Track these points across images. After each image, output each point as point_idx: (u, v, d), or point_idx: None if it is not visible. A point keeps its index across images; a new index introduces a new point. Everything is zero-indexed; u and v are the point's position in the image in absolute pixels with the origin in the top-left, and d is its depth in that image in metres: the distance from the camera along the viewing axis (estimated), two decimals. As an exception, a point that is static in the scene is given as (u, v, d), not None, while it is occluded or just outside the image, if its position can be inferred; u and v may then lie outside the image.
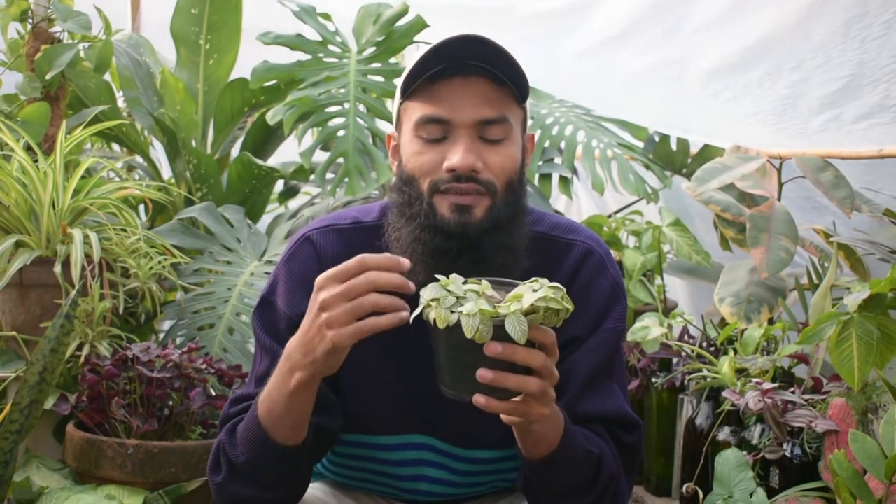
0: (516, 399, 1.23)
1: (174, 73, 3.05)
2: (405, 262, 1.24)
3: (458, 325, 1.18)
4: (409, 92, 1.43)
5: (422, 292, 1.23)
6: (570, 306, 1.21)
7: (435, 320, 1.19)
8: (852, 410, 1.79)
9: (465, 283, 1.25)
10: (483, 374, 1.19)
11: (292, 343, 1.32)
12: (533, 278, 1.25)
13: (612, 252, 1.59)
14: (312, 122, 2.81)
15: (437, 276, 1.24)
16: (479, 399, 1.21)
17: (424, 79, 1.41)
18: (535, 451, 1.36)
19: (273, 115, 2.81)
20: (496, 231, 1.41)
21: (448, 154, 1.40)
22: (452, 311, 1.19)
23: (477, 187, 1.40)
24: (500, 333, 1.18)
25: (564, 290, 1.22)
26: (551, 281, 1.27)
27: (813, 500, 1.76)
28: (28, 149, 2.37)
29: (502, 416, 1.28)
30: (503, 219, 1.42)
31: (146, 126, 2.95)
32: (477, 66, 1.40)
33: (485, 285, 1.24)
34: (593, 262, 1.51)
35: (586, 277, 1.50)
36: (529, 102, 3.15)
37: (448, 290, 1.21)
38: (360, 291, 1.23)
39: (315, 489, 1.61)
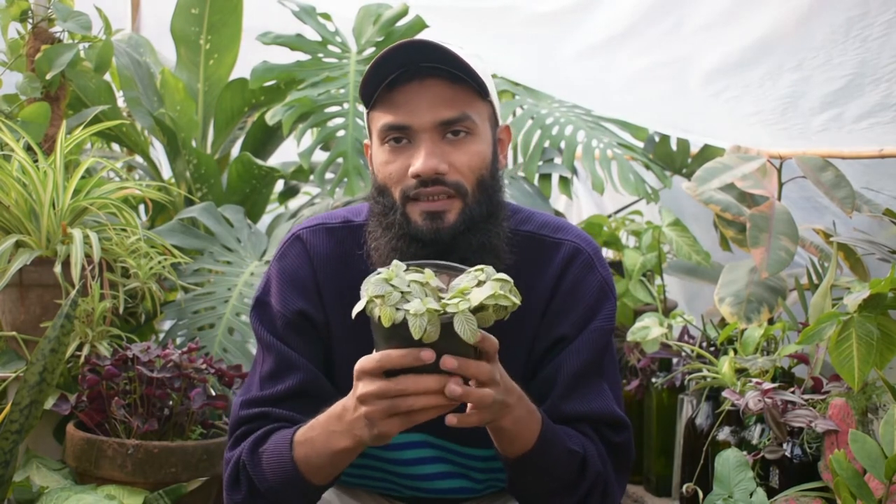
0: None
1: (174, 73, 3.05)
2: (426, 355, 1.19)
3: (403, 322, 1.16)
4: (370, 102, 1.43)
5: (363, 286, 1.20)
6: (518, 300, 1.19)
7: (380, 317, 1.17)
8: (852, 410, 1.79)
9: (406, 269, 1.22)
10: (451, 388, 1.19)
11: (337, 409, 1.32)
12: (478, 266, 1.22)
13: (608, 251, 1.58)
14: (312, 123, 2.81)
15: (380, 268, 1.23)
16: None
17: (383, 87, 1.41)
18: (511, 449, 1.37)
19: (272, 116, 2.81)
20: (471, 232, 1.41)
21: (412, 160, 1.40)
22: (398, 309, 1.17)
23: (445, 190, 1.40)
24: (447, 331, 1.16)
25: (511, 281, 1.20)
26: (541, 281, 1.26)
27: (813, 500, 1.76)
28: (28, 149, 2.37)
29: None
30: (478, 218, 1.42)
31: (146, 126, 2.95)
32: (432, 67, 1.40)
33: (428, 274, 1.21)
34: (581, 261, 1.50)
35: (574, 276, 1.49)
36: (529, 102, 3.17)
37: (392, 286, 1.19)
38: (395, 394, 1.21)
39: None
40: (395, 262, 1.23)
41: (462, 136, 1.41)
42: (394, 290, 1.18)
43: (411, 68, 1.40)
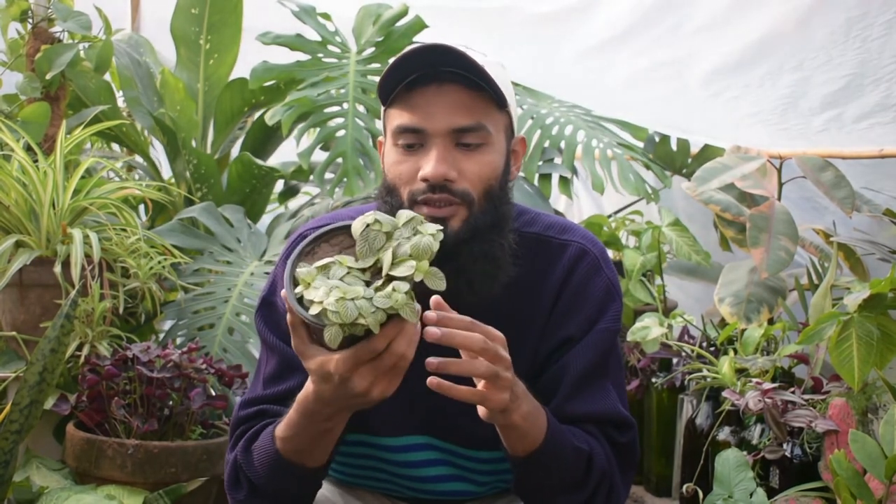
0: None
1: (174, 73, 3.05)
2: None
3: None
4: (388, 100, 1.44)
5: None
6: (368, 320, 1.14)
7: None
8: (852, 410, 1.79)
9: (311, 242, 1.24)
10: (430, 330, 1.21)
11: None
12: (368, 213, 1.23)
13: (611, 252, 1.58)
14: (311, 123, 2.81)
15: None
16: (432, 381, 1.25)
17: (401, 87, 1.41)
18: (521, 447, 1.36)
19: (272, 116, 2.81)
20: (474, 240, 1.41)
21: (422, 162, 1.40)
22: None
23: (450, 198, 1.39)
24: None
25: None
26: (547, 282, 1.25)
27: (813, 500, 1.76)
28: (28, 149, 2.37)
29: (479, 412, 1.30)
30: (482, 227, 1.41)
31: (146, 126, 2.95)
32: (452, 72, 1.39)
33: (342, 259, 1.22)
34: (588, 263, 1.50)
35: (581, 278, 1.49)
36: (529, 102, 3.17)
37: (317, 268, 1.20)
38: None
39: (321, 488, 1.61)
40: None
41: (475, 146, 1.41)
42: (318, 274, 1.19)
43: (431, 71, 1.40)
